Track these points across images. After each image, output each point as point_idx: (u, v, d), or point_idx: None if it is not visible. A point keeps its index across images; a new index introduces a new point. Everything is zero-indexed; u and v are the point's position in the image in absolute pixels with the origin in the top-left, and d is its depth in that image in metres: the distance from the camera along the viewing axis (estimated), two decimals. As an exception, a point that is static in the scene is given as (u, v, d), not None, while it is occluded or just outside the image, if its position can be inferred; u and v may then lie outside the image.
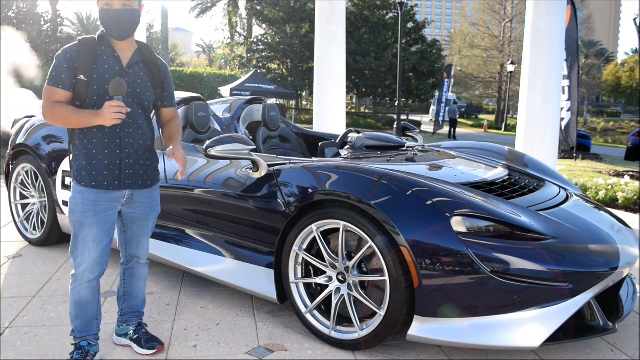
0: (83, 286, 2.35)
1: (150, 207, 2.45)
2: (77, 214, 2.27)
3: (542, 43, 5.94)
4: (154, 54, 2.40)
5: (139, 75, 2.31)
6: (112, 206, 2.31)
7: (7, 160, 4.32)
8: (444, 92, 24.66)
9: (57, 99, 2.21)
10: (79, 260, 2.32)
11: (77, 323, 2.39)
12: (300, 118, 28.63)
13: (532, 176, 3.47)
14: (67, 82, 2.21)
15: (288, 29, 29.89)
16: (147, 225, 2.49)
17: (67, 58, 2.21)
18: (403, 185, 2.47)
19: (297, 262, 2.74)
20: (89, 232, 2.28)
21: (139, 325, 2.59)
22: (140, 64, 2.33)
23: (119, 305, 2.59)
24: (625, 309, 2.67)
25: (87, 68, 2.21)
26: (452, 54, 45.99)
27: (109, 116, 2.11)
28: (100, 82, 2.22)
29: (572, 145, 11.52)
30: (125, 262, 2.56)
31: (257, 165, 2.86)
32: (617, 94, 64.86)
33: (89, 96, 2.22)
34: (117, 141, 2.27)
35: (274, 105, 4.51)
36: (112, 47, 2.27)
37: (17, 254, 3.99)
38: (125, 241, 2.51)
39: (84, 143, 2.26)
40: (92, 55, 2.23)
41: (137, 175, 2.34)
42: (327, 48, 7.24)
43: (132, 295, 2.57)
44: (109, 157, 2.26)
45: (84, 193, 2.26)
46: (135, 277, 2.57)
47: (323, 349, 2.61)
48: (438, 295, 2.31)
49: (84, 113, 2.18)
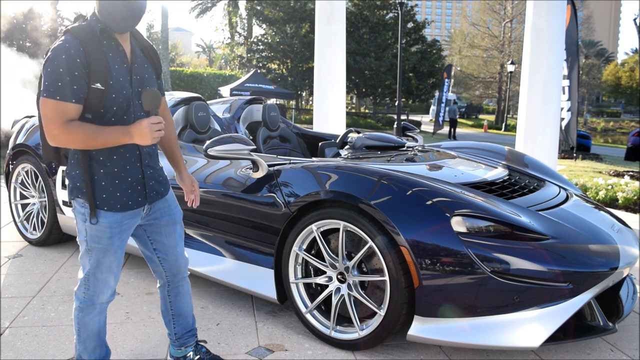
0: (102, 314, 2.07)
1: (173, 210, 2.16)
2: (104, 240, 1.93)
3: (542, 43, 5.94)
4: (145, 38, 2.04)
5: (143, 68, 1.96)
6: (134, 222, 2.02)
7: (7, 160, 4.32)
8: (444, 92, 24.66)
9: (71, 117, 1.76)
10: (101, 287, 2.00)
11: (97, 353, 2.11)
12: (300, 118, 28.64)
13: (532, 176, 3.47)
14: (80, 94, 1.77)
15: (288, 29, 29.89)
16: (176, 230, 2.17)
17: (77, 63, 1.75)
18: (403, 185, 2.47)
19: (297, 262, 2.74)
20: (115, 257, 1.98)
21: (197, 345, 2.35)
22: (140, 53, 1.97)
23: (169, 329, 2.32)
24: (625, 309, 2.67)
25: (103, 73, 1.79)
26: (452, 54, 46.01)
27: (150, 135, 1.76)
28: (117, 88, 1.83)
29: (572, 145, 11.52)
30: (167, 283, 2.24)
31: (257, 165, 2.86)
32: (617, 94, 64.86)
33: (106, 107, 1.82)
34: (137, 152, 1.95)
35: (274, 105, 4.52)
36: (116, 40, 1.87)
37: (17, 254, 3.99)
38: (159, 259, 2.18)
39: (100, 161, 1.88)
40: (102, 55, 1.80)
41: (159, 183, 2.06)
42: (327, 48, 7.24)
43: (182, 315, 2.29)
44: (131, 173, 1.94)
45: (108, 216, 1.91)
46: (181, 295, 2.27)
47: (323, 349, 2.61)
48: (438, 295, 2.31)
49: (111, 131, 1.79)
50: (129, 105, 1.88)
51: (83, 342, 2.08)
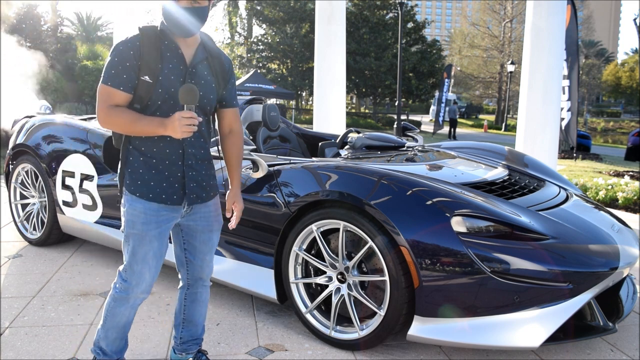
0: (133, 308, 2.10)
1: (213, 218, 2.16)
2: (138, 225, 1.97)
3: (542, 43, 5.94)
4: (218, 48, 2.10)
5: (202, 75, 2.00)
6: (172, 217, 2.04)
7: (7, 160, 4.32)
8: (444, 92, 24.67)
9: (116, 102, 1.90)
10: (136, 279, 2.03)
11: (115, 346, 2.15)
12: (300, 118, 28.64)
13: (532, 176, 3.47)
14: (128, 83, 1.90)
15: (288, 29, 29.89)
16: (211, 239, 2.18)
17: (130, 55, 1.88)
18: (403, 185, 2.47)
19: (297, 262, 2.74)
20: (150, 246, 2.00)
21: (198, 353, 2.34)
22: (204, 61, 2.02)
23: (176, 332, 2.33)
24: (625, 309, 2.67)
25: (153, 68, 1.90)
26: (452, 54, 46.03)
27: (180, 129, 1.82)
28: (166, 84, 1.92)
29: (572, 145, 11.52)
30: (187, 285, 2.25)
31: (257, 165, 2.86)
32: (617, 94, 64.87)
33: (152, 100, 1.92)
34: (180, 151, 1.98)
35: (274, 105, 4.51)
36: (176, 43, 1.96)
37: (17, 254, 3.99)
38: (186, 260, 2.20)
39: (141, 150, 1.97)
40: (157, 52, 1.91)
41: (201, 188, 2.06)
42: (327, 48, 7.24)
43: (193, 322, 2.29)
44: (170, 169, 1.98)
45: (144, 202, 1.97)
46: (198, 302, 2.27)
47: (323, 349, 2.61)
48: (438, 295, 2.31)
49: (148, 121, 1.88)
50: (176, 103, 1.92)
51: (106, 331, 2.13)
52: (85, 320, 2.87)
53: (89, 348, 2.56)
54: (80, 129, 3.88)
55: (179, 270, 2.26)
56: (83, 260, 3.87)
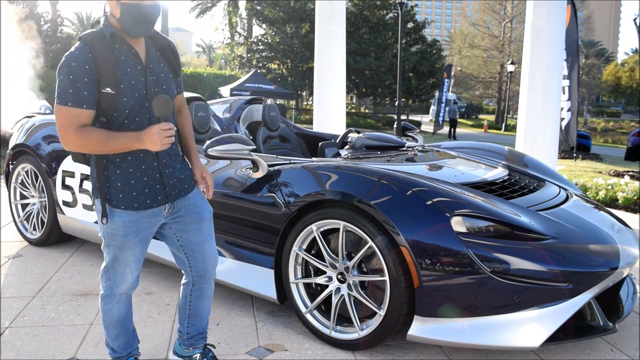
0: (121, 303, 2.13)
1: (200, 208, 2.14)
2: (118, 238, 1.98)
3: (542, 43, 5.94)
4: (162, 36, 2.03)
5: (159, 68, 1.96)
6: (154, 222, 2.04)
7: (7, 160, 4.32)
8: (444, 92, 24.66)
9: (82, 122, 1.81)
10: (119, 279, 2.07)
11: (120, 342, 2.19)
12: (300, 118, 28.64)
13: (532, 176, 3.48)
14: (91, 100, 1.81)
15: (288, 29, 29.89)
16: (203, 227, 2.15)
17: (86, 69, 1.79)
18: (403, 185, 2.47)
19: (297, 262, 2.74)
20: (131, 253, 2.02)
21: (205, 348, 2.33)
22: (156, 53, 1.98)
23: (182, 327, 2.31)
24: (625, 309, 2.67)
25: (112, 77, 1.82)
26: (452, 54, 46.02)
27: (160, 142, 1.78)
28: (129, 91, 1.85)
29: (572, 145, 11.52)
30: (192, 282, 2.22)
31: (257, 165, 2.86)
32: (617, 94, 64.88)
33: (118, 110, 1.85)
34: (154, 153, 1.95)
35: (274, 105, 4.51)
36: (128, 43, 1.89)
37: (17, 254, 3.99)
38: (186, 256, 2.17)
39: (115, 162, 1.92)
40: (111, 60, 1.83)
41: (181, 182, 2.06)
42: (327, 48, 7.24)
43: (199, 317, 2.28)
44: (147, 173, 1.96)
45: (124, 215, 1.95)
46: (203, 297, 2.25)
47: (323, 349, 2.61)
48: (438, 295, 2.31)
49: (123, 137, 1.82)
50: (142, 107, 1.89)
51: (106, 329, 2.19)
52: (85, 320, 2.87)
53: (88, 348, 2.57)
54: (80, 129, 3.88)
55: (183, 270, 2.24)
56: (83, 260, 3.87)
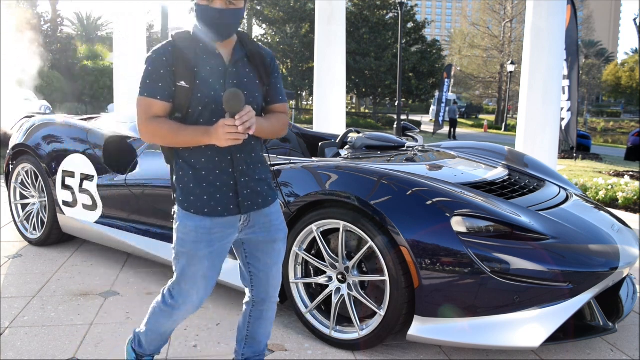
0: (176, 323, 2.07)
1: (275, 227, 2.00)
2: (188, 244, 1.89)
3: (542, 43, 5.95)
4: (257, 44, 1.98)
5: (244, 72, 1.90)
6: (228, 233, 1.93)
7: (7, 160, 4.32)
8: (444, 92, 24.67)
9: (155, 113, 1.82)
10: (183, 299, 1.96)
11: (154, 345, 2.15)
12: (300, 118, 28.64)
13: (532, 176, 3.48)
14: (165, 92, 1.81)
15: (288, 29, 29.90)
16: (275, 250, 2.02)
17: (163, 61, 1.81)
18: (403, 185, 2.47)
19: (297, 262, 2.74)
20: (200, 266, 1.91)
21: None
22: (244, 58, 1.92)
23: (238, 347, 2.19)
24: (625, 309, 2.68)
25: (188, 72, 1.82)
26: (452, 54, 46.03)
27: (224, 137, 1.71)
28: (204, 88, 1.82)
29: (572, 145, 11.52)
30: (252, 302, 2.11)
31: (257, 165, 2.85)
32: (617, 94, 64.90)
33: (192, 106, 1.83)
34: (229, 158, 1.87)
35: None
36: (212, 45, 1.88)
37: (17, 254, 3.99)
38: (250, 275, 2.07)
39: (190, 162, 1.88)
40: (191, 56, 1.83)
41: (256, 194, 1.93)
42: (327, 48, 7.25)
43: (256, 340, 2.16)
44: (221, 178, 1.88)
45: (196, 220, 1.87)
46: (263, 319, 2.13)
47: (323, 349, 2.61)
48: (438, 295, 2.31)
49: (192, 130, 1.79)
50: (218, 107, 1.82)
51: (147, 329, 2.11)
52: (85, 320, 2.87)
53: (88, 348, 2.57)
54: (80, 129, 3.89)
55: (244, 284, 2.14)
56: (83, 260, 3.87)
